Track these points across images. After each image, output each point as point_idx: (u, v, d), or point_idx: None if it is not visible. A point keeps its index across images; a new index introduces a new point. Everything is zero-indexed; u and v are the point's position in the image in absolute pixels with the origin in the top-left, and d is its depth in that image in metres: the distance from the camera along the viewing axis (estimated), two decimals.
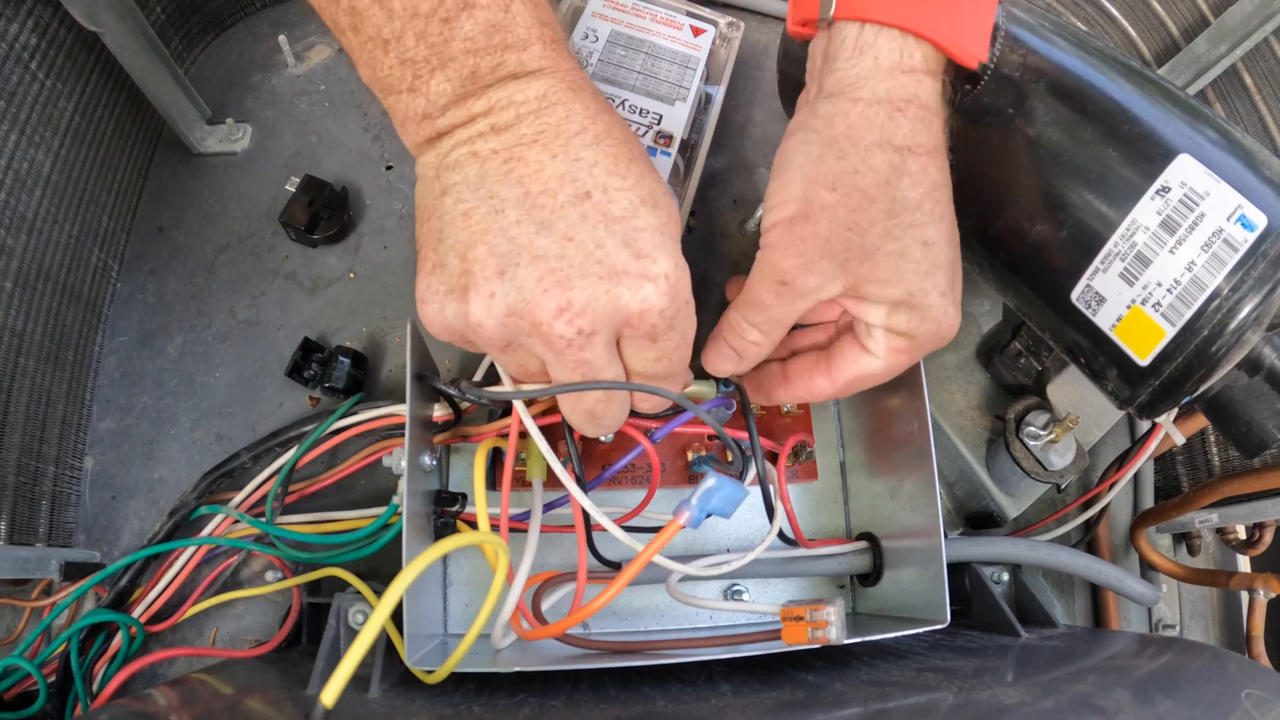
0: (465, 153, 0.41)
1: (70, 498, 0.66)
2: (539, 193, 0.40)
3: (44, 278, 0.64)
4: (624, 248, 0.40)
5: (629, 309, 0.40)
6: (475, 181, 0.41)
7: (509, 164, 0.40)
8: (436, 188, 0.42)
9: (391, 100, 0.42)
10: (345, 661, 0.29)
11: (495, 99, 0.41)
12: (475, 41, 0.40)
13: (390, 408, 0.63)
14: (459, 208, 0.41)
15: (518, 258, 0.39)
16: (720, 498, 0.46)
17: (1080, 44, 0.54)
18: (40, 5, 0.62)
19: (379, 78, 0.41)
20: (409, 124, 0.42)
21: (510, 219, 0.40)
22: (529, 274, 0.39)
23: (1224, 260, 0.46)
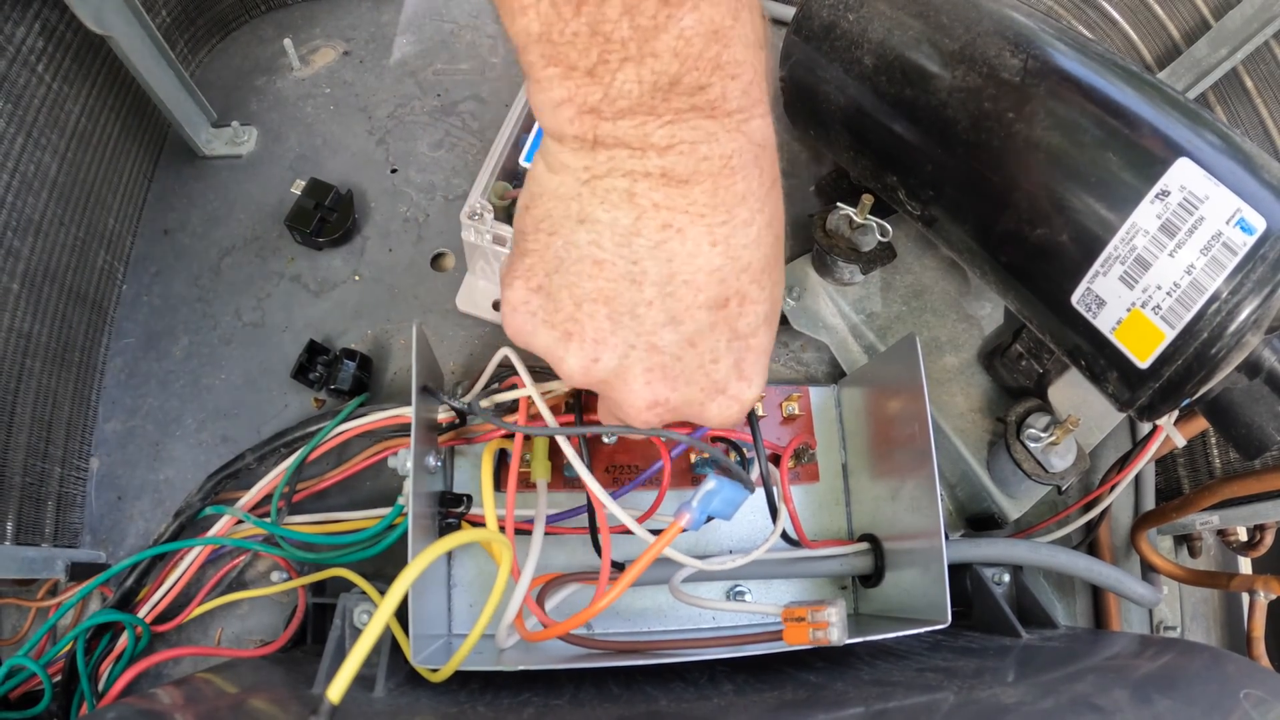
0: (623, 188, 0.35)
1: (76, 498, 0.67)
2: (683, 283, 0.37)
3: (50, 280, 0.64)
4: (734, 369, 0.40)
5: (709, 417, 0.41)
6: (623, 235, 0.36)
7: (665, 232, 0.35)
8: (575, 207, 0.36)
9: (553, 74, 0.32)
10: (351, 656, 0.30)
11: (680, 138, 0.34)
12: (690, 44, 0.31)
13: (395, 409, 0.64)
14: (593, 252, 0.36)
15: (636, 340, 0.38)
16: (721, 499, 0.47)
17: (1080, 48, 0.54)
18: (47, 8, 0.63)
19: (552, 40, 0.31)
20: (565, 108, 0.33)
21: (645, 296, 0.37)
22: (639, 361, 0.39)
23: (1223, 263, 0.46)
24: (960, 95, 0.56)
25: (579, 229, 0.36)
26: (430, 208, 0.77)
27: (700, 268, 0.36)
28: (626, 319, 0.37)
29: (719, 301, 0.37)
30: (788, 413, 0.67)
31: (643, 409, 0.40)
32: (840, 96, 0.64)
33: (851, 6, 0.62)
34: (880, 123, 0.61)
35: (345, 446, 0.66)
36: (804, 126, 0.72)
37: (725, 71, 0.32)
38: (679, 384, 0.39)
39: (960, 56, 0.56)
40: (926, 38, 0.58)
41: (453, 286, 0.72)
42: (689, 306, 0.37)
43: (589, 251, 0.37)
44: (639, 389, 0.39)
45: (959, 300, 0.72)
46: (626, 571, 0.46)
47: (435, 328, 0.73)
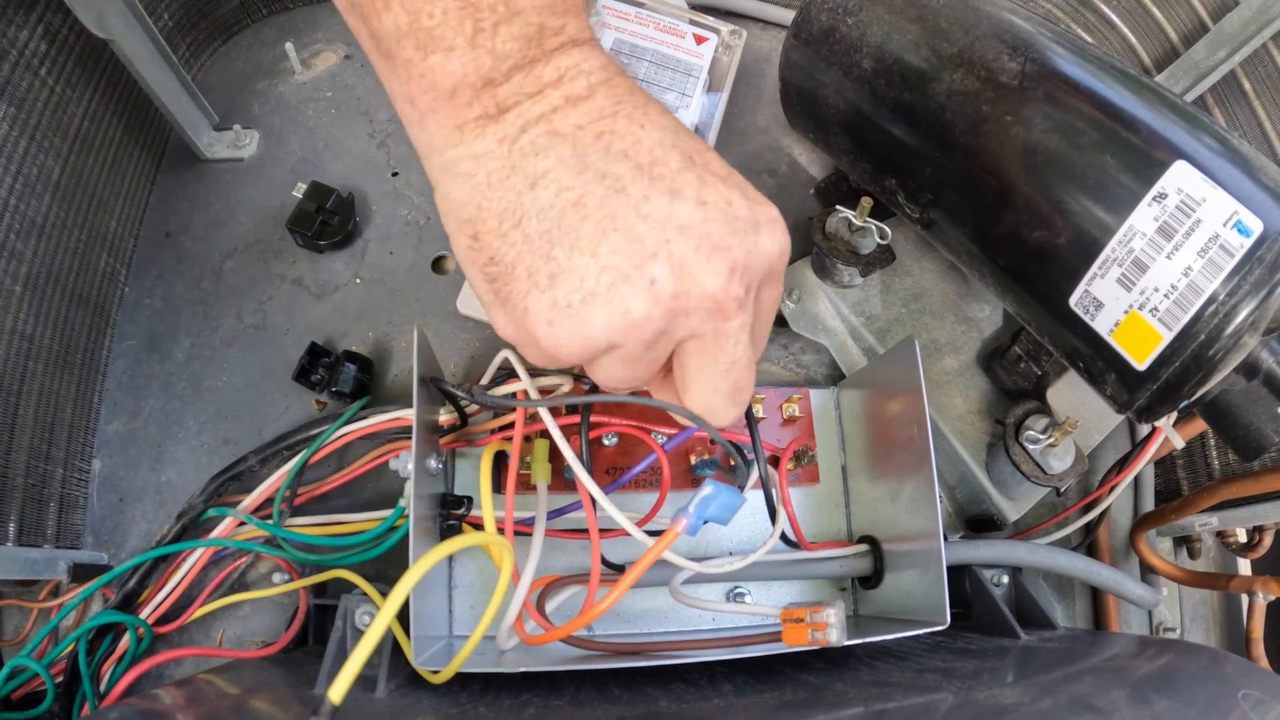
0: (543, 132, 0.35)
1: (78, 500, 0.67)
2: (650, 163, 0.36)
3: (53, 282, 0.64)
4: (746, 200, 0.38)
5: (772, 254, 0.38)
6: (574, 162, 0.35)
7: (603, 138, 0.36)
8: (516, 181, 0.35)
9: (437, 60, 0.33)
10: (353, 657, 0.30)
11: (565, 67, 0.36)
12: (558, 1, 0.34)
13: (397, 412, 0.64)
14: (564, 197, 0.35)
15: (665, 233, 0.35)
16: (718, 505, 0.47)
17: (1078, 52, 0.55)
18: (50, 12, 0.63)
19: (423, 26, 0.33)
20: (460, 94, 0.34)
21: (637, 195, 0.35)
22: (684, 246, 0.35)
23: (1220, 266, 0.46)
24: (959, 98, 0.56)
25: (536, 191, 0.35)
26: (431, 211, 0.77)
27: (651, 146, 0.36)
28: (640, 225, 0.35)
29: (687, 161, 0.37)
30: (787, 415, 0.67)
31: (728, 284, 0.36)
32: (839, 100, 0.64)
33: (850, 11, 0.62)
34: (879, 126, 0.62)
35: (347, 449, 0.66)
36: (803, 129, 0.72)
37: (573, 14, 0.36)
38: (727, 239, 0.36)
39: (958, 60, 0.57)
40: (925, 41, 0.58)
41: (454, 289, 0.72)
42: (672, 177, 0.36)
43: (562, 200, 0.35)
44: (707, 268, 0.36)
45: (958, 303, 0.72)
46: (624, 576, 0.46)
47: (436, 330, 0.73)
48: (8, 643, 0.64)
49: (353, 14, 0.34)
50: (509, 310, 0.37)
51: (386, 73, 0.36)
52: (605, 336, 0.36)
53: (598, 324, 0.35)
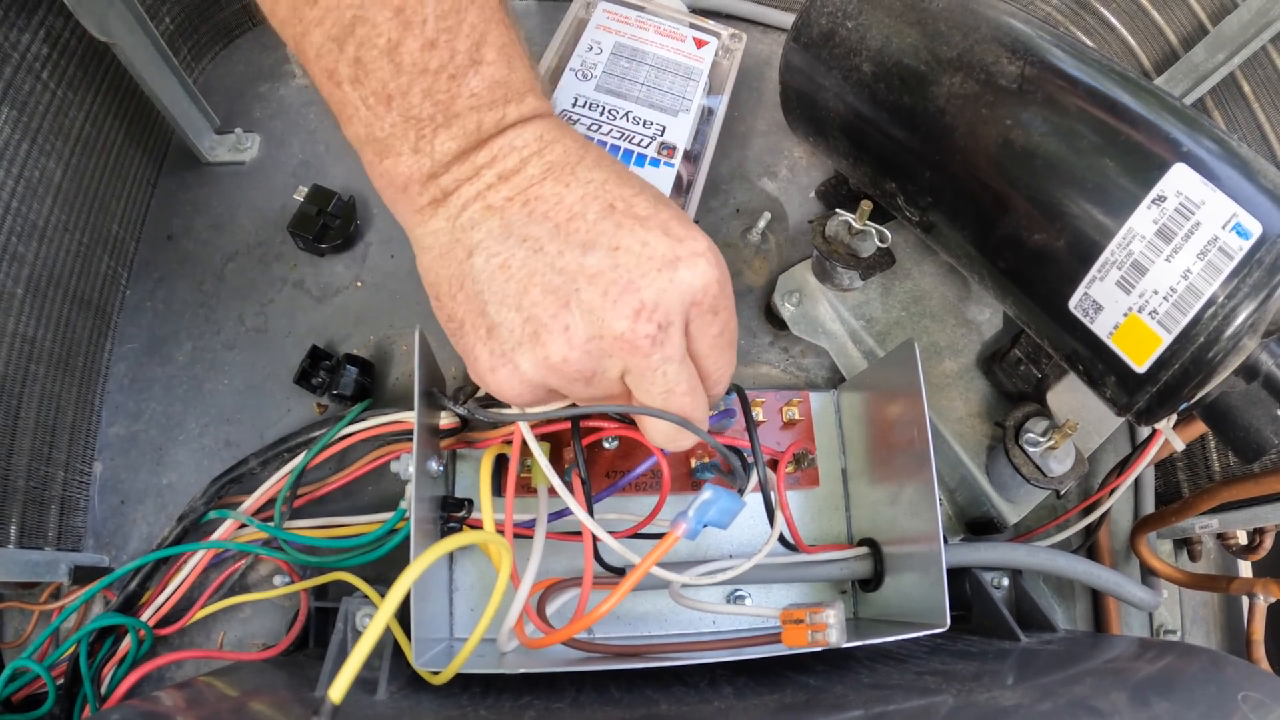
0: (479, 208, 0.41)
1: (79, 502, 0.67)
2: (567, 220, 0.40)
3: (54, 285, 0.65)
4: (665, 237, 0.41)
5: (694, 287, 0.41)
6: (500, 231, 0.40)
7: (528, 205, 0.41)
8: (458, 252, 0.41)
9: (389, 164, 0.40)
10: (353, 656, 0.30)
11: (497, 148, 0.41)
12: (480, 98, 0.40)
13: (398, 414, 0.64)
14: (493, 263, 0.40)
15: (575, 283, 0.39)
16: (717, 509, 0.47)
17: (1077, 55, 0.55)
18: (52, 15, 0.63)
19: (377, 137, 0.39)
20: (411, 188, 0.41)
21: (552, 252, 0.40)
22: (593, 294, 0.39)
23: (1219, 268, 0.46)
24: (958, 102, 0.56)
25: (473, 259, 0.41)
26: None
27: (571, 204, 0.41)
28: (555, 278, 0.40)
29: (606, 210, 0.41)
30: (787, 418, 0.67)
31: (634, 325, 0.39)
32: (839, 103, 0.64)
33: (850, 14, 0.63)
34: (879, 129, 0.62)
35: (347, 451, 0.66)
36: (803, 133, 0.72)
37: (514, 102, 0.41)
38: (637, 281, 0.39)
39: (958, 63, 0.57)
40: (924, 45, 0.59)
41: None
42: (587, 230, 0.40)
43: (490, 265, 0.40)
44: (614, 311, 0.39)
45: (958, 306, 0.72)
46: (624, 580, 0.46)
47: (437, 333, 0.73)
48: (9, 645, 0.64)
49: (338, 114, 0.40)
50: (466, 358, 0.43)
51: (364, 165, 0.42)
52: (537, 377, 0.41)
53: (526, 368, 0.41)
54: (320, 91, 0.40)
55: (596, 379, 0.42)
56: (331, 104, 0.40)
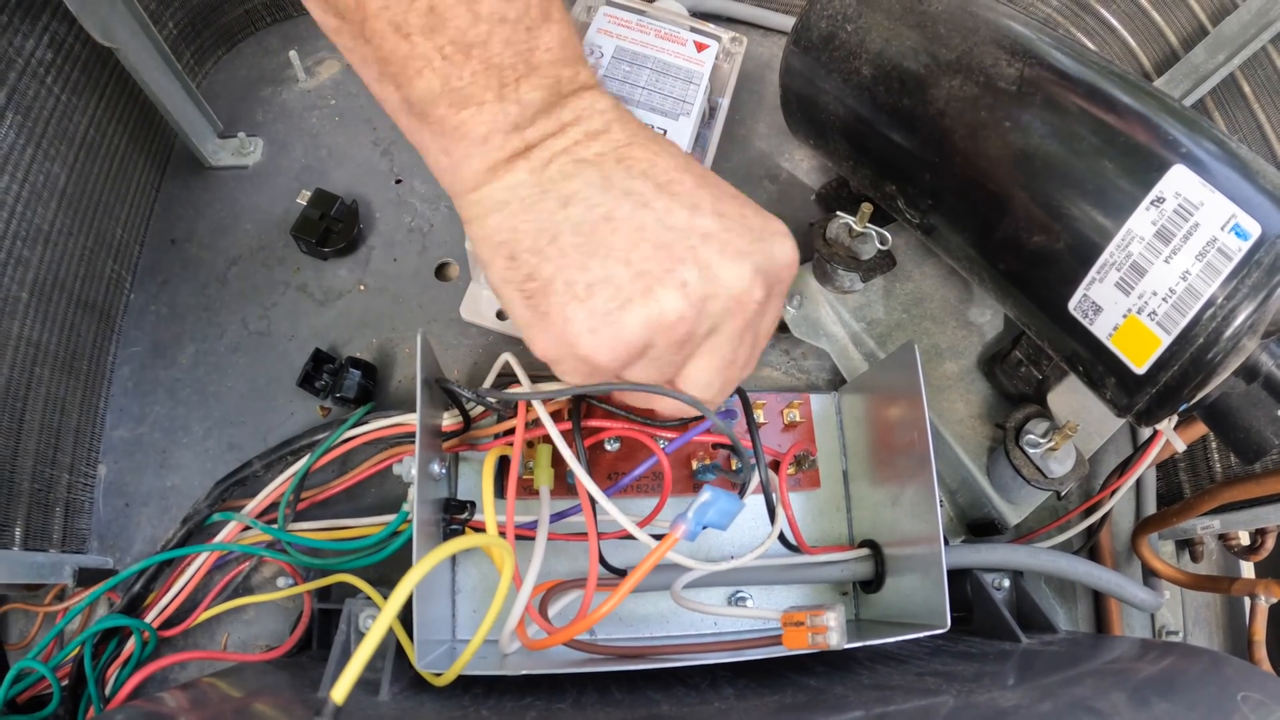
0: (568, 161, 0.39)
1: (84, 505, 0.67)
2: (667, 181, 0.40)
3: (59, 288, 0.65)
4: (757, 214, 0.42)
5: (785, 263, 0.42)
6: (600, 183, 0.39)
7: (623, 163, 0.40)
8: (548, 204, 0.39)
9: (469, 114, 0.38)
10: (356, 657, 0.30)
11: (580, 107, 0.40)
12: (554, 53, 0.39)
13: (400, 417, 0.64)
14: (594, 213, 0.38)
15: (689, 240, 0.39)
16: (716, 511, 0.47)
17: (1076, 57, 0.55)
18: (55, 21, 0.63)
19: (454, 87, 0.37)
20: (492, 138, 0.38)
21: (659, 208, 0.39)
22: (709, 252, 0.39)
23: (1218, 269, 0.46)
24: (957, 104, 0.56)
25: (568, 210, 0.38)
26: (434, 218, 0.78)
27: (668, 167, 0.40)
28: (666, 234, 0.39)
29: (700, 180, 0.41)
30: (789, 420, 0.67)
31: (751, 287, 0.40)
32: (839, 106, 0.64)
33: (849, 17, 0.63)
34: (878, 132, 0.62)
35: (350, 454, 0.66)
36: (803, 136, 0.73)
37: (582, 64, 0.41)
38: (746, 247, 0.40)
39: (957, 66, 0.57)
40: (924, 48, 0.59)
41: (457, 296, 0.72)
42: (689, 192, 0.40)
43: (593, 215, 0.38)
44: (732, 272, 0.39)
45: (959, 307, 0.72)
46: (624, 580, 0.46)
47: (439, 336, 0.74)
48: (13, 646, 0.64)
49: (385, 83, 0.38)
50: (548, 324, 0.39)
51: (416, 131, 0.40)
52: (642, 339, 0.38)
53: (634, 327, 0.38)
54: (374, 51, 0.37)
55: (689, 344, 0.41)
56: (391, 61, 0.37)
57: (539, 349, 0.41)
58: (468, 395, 0.55)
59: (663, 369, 0.42)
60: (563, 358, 0.40)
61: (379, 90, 0.39)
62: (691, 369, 0.43)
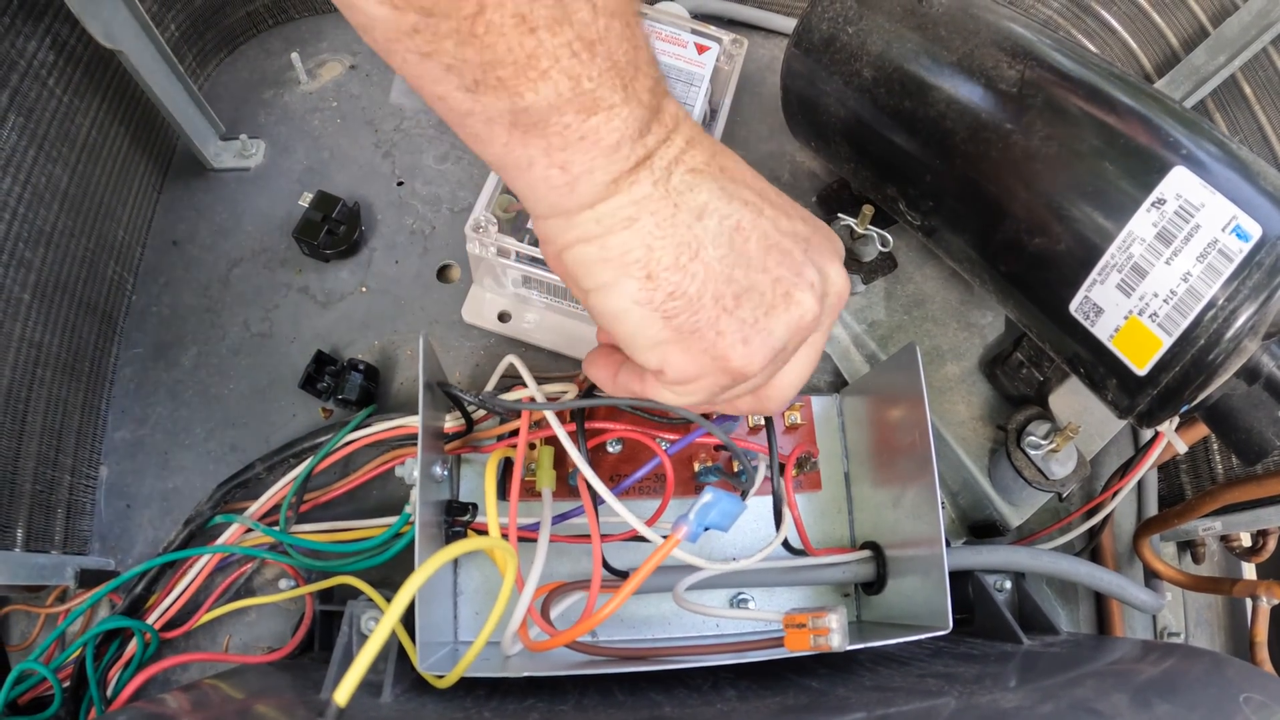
0: (684, 171, 0.37)
1: (86, 506, 0.67)
2: (761, 190, 0.40)
3: (61, 290, 0.65)
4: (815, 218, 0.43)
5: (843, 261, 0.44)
6: (720, 194, 0.38)
7: (725, 172, 0.39)
8: (683, 217, 0.37)
9: (600, 120, 0.34)
10: (359, 658, 0.30)
11: (674, 112, 0.38)
12: (647, 49, 0.35)
13: (402, 419, 0.64)
14: (726, 224, 0.38)
15: (801, 244, 0.40)
16: (718, 512, 0.47)
17: (1077, 59, 0.55)
18: (58, 22, 0.64)
19: (584, 89, 0.33)
20: (623, 146, 0.35)
21: (770, 215, 0.39)
22: (817, 254, 0.41)
23: (1219, 270, 0.46)
24: (958, 106, 0.57)
25: (704, 222, 0.37)
26: (436, 220, 0.78)
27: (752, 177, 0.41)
28: (785, 240, 0.39)
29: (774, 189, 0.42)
30: (790, 422, 0.67)
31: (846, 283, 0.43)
32: (840, 108, 0.65)
33: (851, 20, 0.63)
34: (880, 134, 0.62)
35: (352, 456, 0.66)
36: (805, 138, 0.73)
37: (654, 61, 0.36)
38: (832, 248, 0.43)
39: (957, 68, 0.57)
40: (925, 50, 0.59)
41: (458, 298, 0.72)
42: (777, 200, 0.41)
43: (723, 227, 0.38)
44: (836, 272, 0.42)
45: (961, 309, 0.72)
46: (627, 581, 0.46)
47: (441, 338, 0.74)
48: (14, 648, 0.64)
49: (485, 93, 0.32)
50: (696, 340, 0.38)
51: (520, 145, 0.34)
52: (784, 342, 0.40)
53: (780, 333, 0.39)
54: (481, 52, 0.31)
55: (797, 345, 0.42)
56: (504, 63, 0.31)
57: (676, 368, 0.40)
58: (470, 400, 0.55)
59: (774, 372, 0.42)
60: (706, 372, 0.40)
61: (469, 103, 0.33)
62: (789, 370, 0.44)
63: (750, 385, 0.42)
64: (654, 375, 0.42)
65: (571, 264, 0.39)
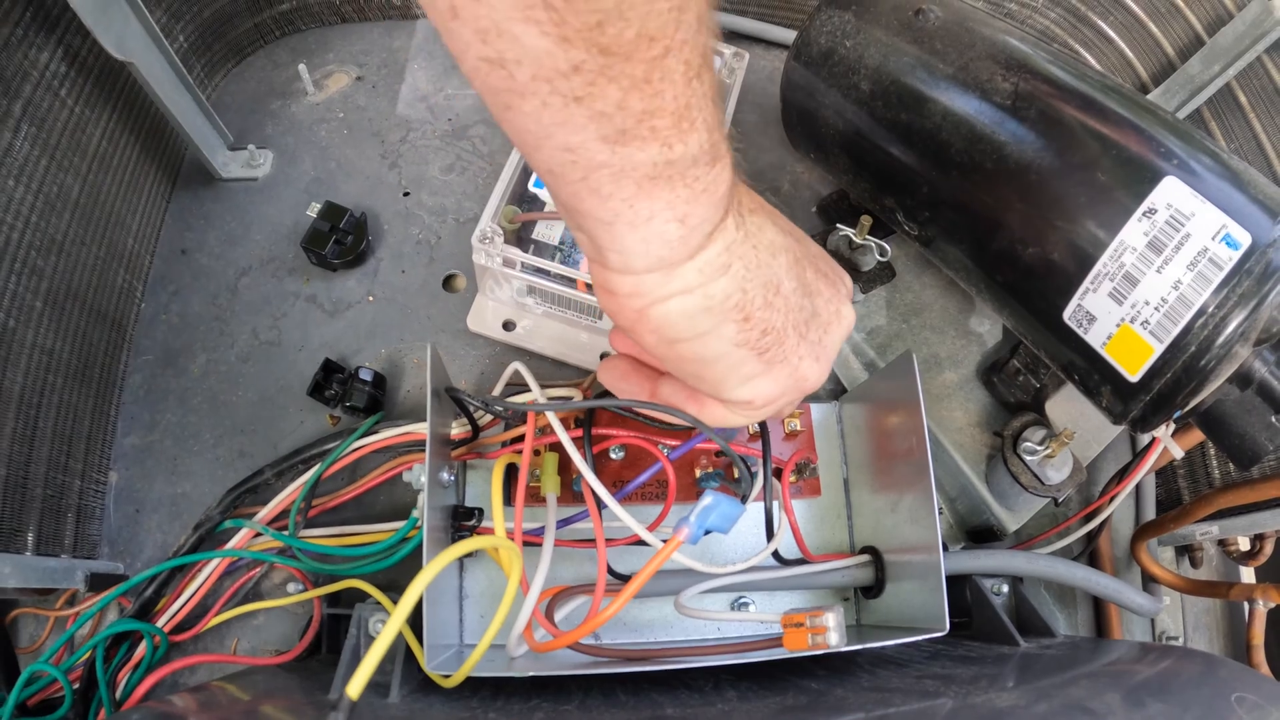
0: (747, 211, 0.38)
1: (95, 511, 0.68)
2: (790, 229, 0.43)
3: (72, 298, 0.66)
4: None
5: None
6: (777, 229, 0.40)
7: (766, 207, 0.41)
8: (764, 256, 0.38)
9: (719, 169, 0.33)
10: (370, 654, 0.31)
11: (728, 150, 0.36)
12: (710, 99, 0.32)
13: (410, 426, 0.65)
14: (790, 258, 0.41)
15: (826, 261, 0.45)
16: (718, 514, 0.48)
17: (1070, 71, 0.56)
18: (70, 34, 0.65)
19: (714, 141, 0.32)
20: (729, 194, 0.35)
21: (803, 243, 0.43)
22: (838, 279, 0.46)
23: (1209, 278, 0.47)
24: (953, 119, 0.57)
25: (778, 260, 0.40)
26: (442, 230, 0.79)
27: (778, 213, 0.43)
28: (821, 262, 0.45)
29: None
30: (789, 429, 0.68)
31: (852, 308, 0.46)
32: (838, 120, 0.66)
33: (849, 33, 0.64)
34: (877, 146, 0.63)
35: (359, 462, 0.67)
36: (804, 149, 0.74)
37: None
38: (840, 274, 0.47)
39: (953, 81, 0.58)
40: (921, 63, 0.60)
41: (464, 307, 0.73)
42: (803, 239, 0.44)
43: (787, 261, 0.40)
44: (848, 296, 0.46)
45: (959, 317, 0.73)
46: (630, 582, 0.47)
47: (447, 347, 0.75)
48: (23, 650, 0.65)
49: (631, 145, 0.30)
50: (782, 368, 0.41)
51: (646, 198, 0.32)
52: (835, 354, 0.44)
53: (834, 347, 0.44)
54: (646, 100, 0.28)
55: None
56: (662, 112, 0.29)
57: (763, 395, 0.42)
58: (475, 404, 0.56)
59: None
60: (786, 394, 0.43)
61: (605, 154, 0.30)
62: None
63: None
64: (739, 405, 0.43)
65: (668, 316, 0.37)
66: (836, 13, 0.65)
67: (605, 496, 0.50)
